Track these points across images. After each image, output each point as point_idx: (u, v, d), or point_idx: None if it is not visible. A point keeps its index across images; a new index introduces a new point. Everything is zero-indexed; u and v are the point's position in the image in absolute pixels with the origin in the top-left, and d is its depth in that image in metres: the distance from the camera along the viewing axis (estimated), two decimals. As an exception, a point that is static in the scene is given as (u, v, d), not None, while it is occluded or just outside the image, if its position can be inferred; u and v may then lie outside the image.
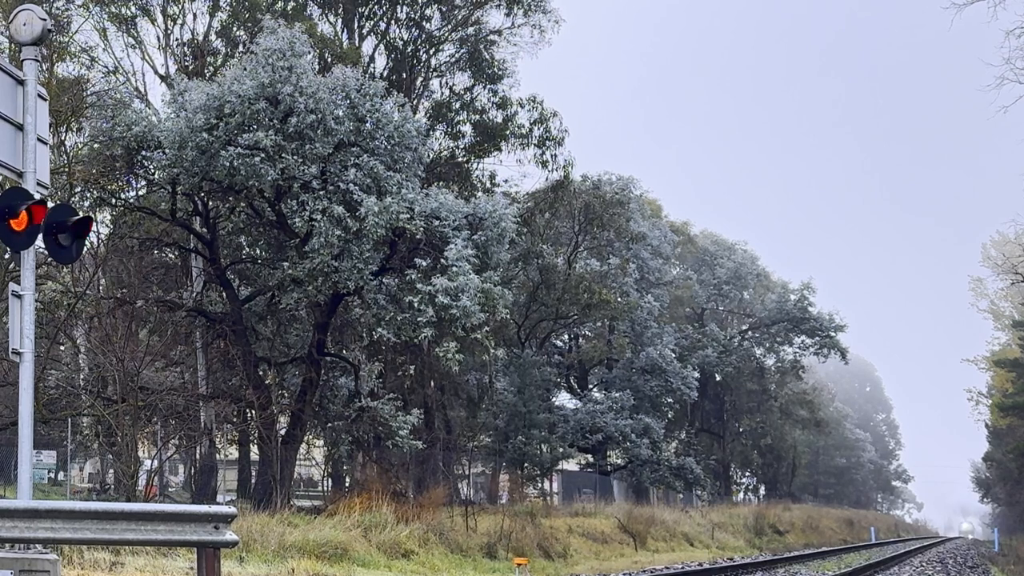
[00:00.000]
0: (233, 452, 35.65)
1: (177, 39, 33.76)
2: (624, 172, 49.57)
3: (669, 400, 51.22)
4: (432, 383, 35.76)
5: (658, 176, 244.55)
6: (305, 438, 32.65)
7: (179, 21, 33.64)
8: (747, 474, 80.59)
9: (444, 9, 36.47)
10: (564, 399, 51.92)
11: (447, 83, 37.64)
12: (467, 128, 37.05)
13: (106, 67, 33.15)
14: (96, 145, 26.85)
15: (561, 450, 46.28)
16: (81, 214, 11.10)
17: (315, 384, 28.60)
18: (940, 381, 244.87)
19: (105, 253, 27.61)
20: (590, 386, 52.84)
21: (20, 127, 10.74)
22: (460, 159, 37.22)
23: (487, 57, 36.66)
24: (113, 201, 27.98)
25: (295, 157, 24.59)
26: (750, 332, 66.40)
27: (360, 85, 25.91)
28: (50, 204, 10.68)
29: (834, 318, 62.35)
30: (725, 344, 60.94)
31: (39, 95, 10.98)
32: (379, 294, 25.95)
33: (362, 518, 22.48)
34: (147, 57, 33.81)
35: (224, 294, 28.74)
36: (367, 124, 25.48)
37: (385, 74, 35.40)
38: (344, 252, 24.97)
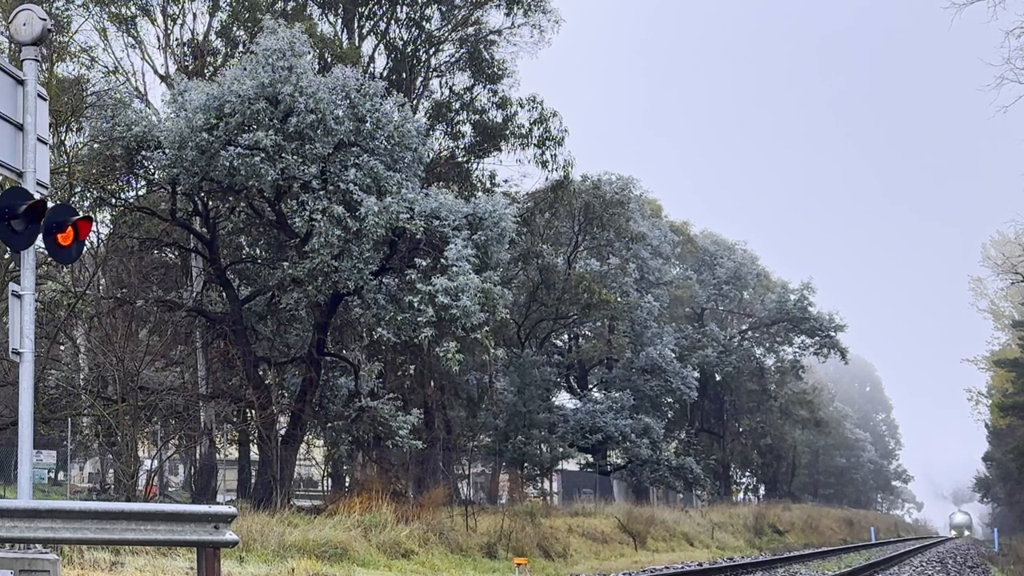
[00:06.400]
0: (233, 452, 35.66)
1: (177, 39, 33.76)
2: (624, 172, 49.48)
3: (669, 400, 51.21)
4: (432, 383, 35.73)
5: (658, 176, 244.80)
6: (305, 438, 32.65)
7: (179, 21, 33.63)
8: (747, 474, 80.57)
9: (444, 9, 36.41)
10: (564, 399, 51.96)
11: (447, 83, 37.61)
12: (467, 128, 37.01)
13: (106, 67, 33.14)
14: (96, 145, 26.85)
15: (561, 450, 46.31)
16: (81, 214, 11.09)
17: (315, 384, 28.60)
18: (940, 381, 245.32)
19: (105, 253, 27.62)
20: (590, 386, 52.82)
21: (20, 127, 10.73)
22: (460, 159, 37.17)
23: (487, 57, 36.61)
24: (113, 201, 28.00)
25: (295, 157, 24.58)
26: (750, 332, 66.39)
27: (360, 85, 25.90)
28: (50, 204, 10.68)
29: (834, 318, 62.39)
30: (725, 344, 60.93)
31: (39, 95, 10.97)
32: (379, 294, 25.95)
33: (362, 518, 22.51)
34: (147, 57, 33.82)
35: (224, 294, 28.74)
36: (367, 124, 25.47)
37: (385, 74, 35.36)
38: (344, 252, 24.97)
